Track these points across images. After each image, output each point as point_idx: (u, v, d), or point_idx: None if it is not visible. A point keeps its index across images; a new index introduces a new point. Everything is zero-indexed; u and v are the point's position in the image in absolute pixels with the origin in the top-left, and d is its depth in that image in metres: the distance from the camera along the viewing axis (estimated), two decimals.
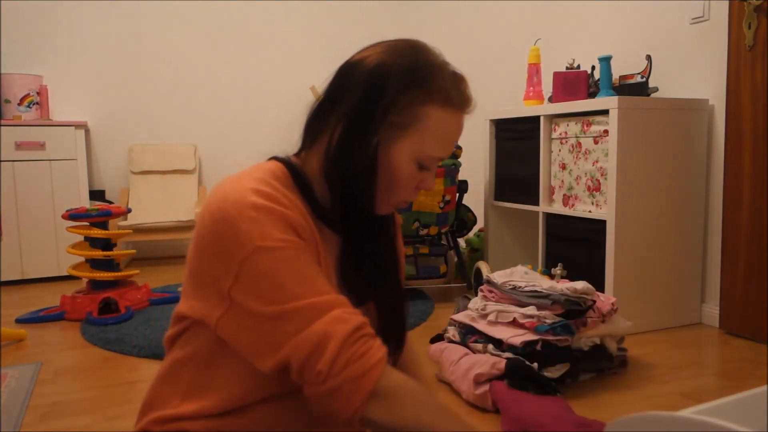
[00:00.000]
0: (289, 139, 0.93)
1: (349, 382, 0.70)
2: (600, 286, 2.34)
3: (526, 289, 1.92)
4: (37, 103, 3.65)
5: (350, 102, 0.81)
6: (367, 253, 0.90)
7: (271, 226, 0.73)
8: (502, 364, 1.71)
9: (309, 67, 4.53)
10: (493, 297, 2.01)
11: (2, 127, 3.39)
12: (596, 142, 2.43)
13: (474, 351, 1.91)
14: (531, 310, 1.85)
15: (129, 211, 2.98)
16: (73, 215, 2.71)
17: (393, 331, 0.92)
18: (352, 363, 0.70)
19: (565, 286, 1.87)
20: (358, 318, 0.74)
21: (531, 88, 2.95)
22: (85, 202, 3.59)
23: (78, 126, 3.60)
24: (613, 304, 1.97)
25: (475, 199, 3.51)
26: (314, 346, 0.70)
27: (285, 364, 0.72)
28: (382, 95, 0.79)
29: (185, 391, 0.83)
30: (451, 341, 2.01)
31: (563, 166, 2.63)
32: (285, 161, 0.85)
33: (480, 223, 3.49)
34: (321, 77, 4.64)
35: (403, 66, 0.80)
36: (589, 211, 2.48)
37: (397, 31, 4.70)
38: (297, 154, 0.88)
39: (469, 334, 1.96)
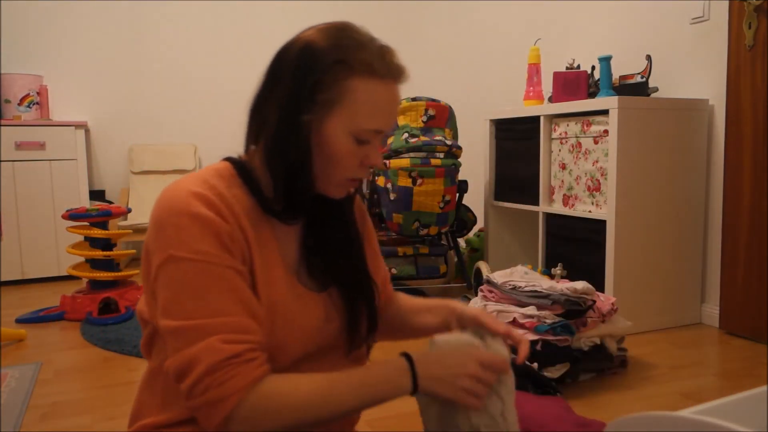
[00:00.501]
0: None
1: (206, 407, 0.73)
2: (600, 286, 2.34)
3: (526, 289, 1.91)
4: (37, 103, 3.65)
5: (282, 87, 0.82)
6: (326, 240, 0.91)
7: (192, 235, 0.75)
8: None
9: None
10: (493, 297, 2.01)
11: (2, 127, 3.38)
12: (596, 142, 2.43)
13: None
14: (531, 310, 1.85)
15: (129, 211, 2.98)
16: (73, 215, 2.71)
17: (360, 316, 0.92)
18: (211, 389, 0.72)
19: (565, 286, 1.87)
20: (234, 347, 0.73)
21: (531, 88, 2.95)
22: (85, 202, 3.59)
23: (78, 126, 3.59)
24: (613, 304, 1.97)
25: (475, 199, 3.51)
26: (185, 366, 0.73)
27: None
28: (309, 75, 0.80)
29: (161, 400, 0.85)
30: None
31: (563, 166, 2.63)
32: (233, 160, 0.87)
33: (480, 223, 3.49)
34: None
35: (327, 44, 0.81)
36: (589, 211, 2.48)
37: (397, 31, 4.70)
38: (246, 151, 0.88)
39: None
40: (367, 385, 0.79)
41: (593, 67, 2.67)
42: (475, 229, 3.45)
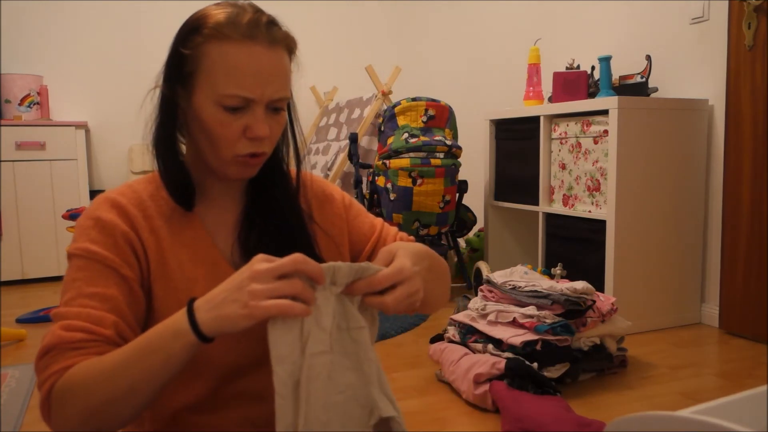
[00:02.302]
0: None
1: (38, 390, 0.74)
2: (600, 286, 2.34)
3: (526, 289, 1.92)
4: (37, 103, 3.65)
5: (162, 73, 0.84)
6: (265, 235, 0.88)
7: (89, 236, 0.78)
8: (502, 364, 1.71)
9: (308, 68, 4.52)
10: (493, 297, 2.01)
11: (2, 127, 3.39)
12: (596, 142, 2.43)
13: (474, 351, 1.91)
14: (531, 310, 1.85)
15: None
16: (73, 215, 2.71)
17: None
18: (37, 372, 0.73)
19: (565, 286, 1.87)
20: (72, 335, 0.72)
21: (531, 88, 2.95)
22: (85, 202, 3.60)
23: (78, 126, 3.60)
24: (613, 304, 1.97)
25: (475, 199, 3.51)
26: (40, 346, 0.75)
27: None
28: (172, 52, 0.81)
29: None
30: (451, 341, 2.01)
31: (563, 166, 2.63)
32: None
33: (480, 223, 3.49)
34: (321, 78, 4.65)
35: (188, 19, 0.81)
36: (589, 211, 2.48)
37: (396, 31, 4.70)
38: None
39: (469, 334, 1.96)
40: (150, 340, 0.69)
41: (593, 67, 2.67)
42: (475, 229, 3.46)
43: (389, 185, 2.82)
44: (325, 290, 0.70)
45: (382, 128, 2.95)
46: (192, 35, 0.79)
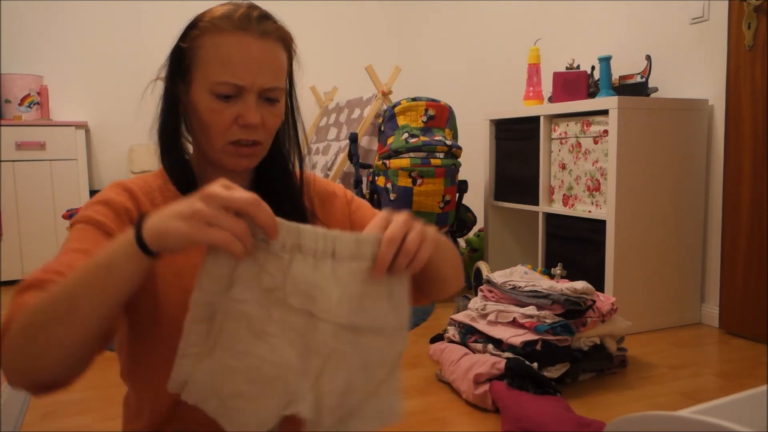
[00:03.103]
0: None
1: None
2: (600, 286, 2.34)
3: (526, 289, 1.92)
4: (38, 103, 3.65)
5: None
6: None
7: (91, 208, 0.80)
8: (502, 364, 1.71)
9: (309, 68, 4.53)
10: (493, 297, 2.01)
11: (2, 127, 3.38)
12: (596, 142, 2.43)
13: (474, 351, 1.91)
14: (531, 310, 1.85)
15: None
16: (73, 215, 2.71)
17: None
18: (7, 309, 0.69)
19: (565, 286, 1.87)
20: (37, 275, 0.69)
21: (531, 88, 2.95)
22: (85, 202, 3.59)
23: (78, 126, 3.60)
24: (613, 304, 1.97)
25: (475, 199, 3.51)
26: None
27: None
28: (174, 48, 0.85)
29: (125, 412, 0.90)
30: (451, 341, 2.01)
31: (563, 166, 2.63)
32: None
33: (480, 223, 3.49)
34: (321, 78, 4.65)
35: (192, 19, 0.85)
36: (589, 211, 2.48)
37: (396, 31, 4.70)
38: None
39: (469, 334, 1.96)
40: (98, 254, 0.64)
41: (593, 67, 2.67)
42: (475, 229, 3.45)
43: (389, 185, 2.82)
44: (281, 252, 0.65)
45: (382, 128, 2.95)
46: (190, 30, 0.83)
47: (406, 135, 2.83)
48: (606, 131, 2.37)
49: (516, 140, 2.96)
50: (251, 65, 0.80)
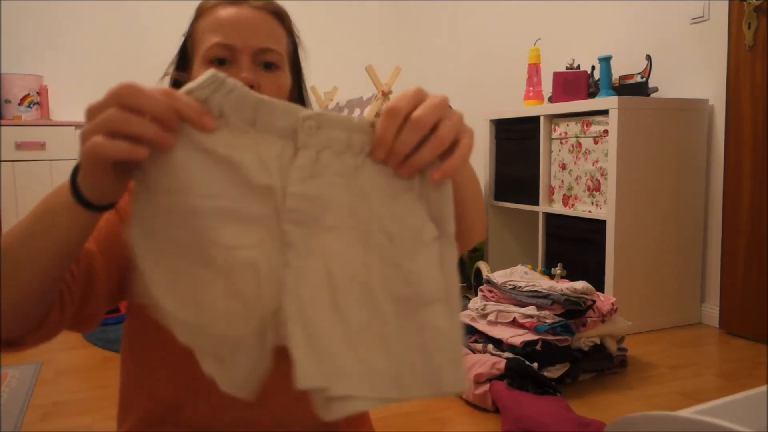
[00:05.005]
0: None
1: None
2: (600, 286, 2.34)
3: (526, 289, 1.92)
4: (37, 103, 3.65)
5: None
6: None
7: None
8: (502, 364, 1.71)
9: (309, 68, 4.53)
10: (493, 297, 2.01)
11: (2, 127, 3.38)
12: (596, 142, 2.43)
13: (474, 351, 1.91)
14: (531, 310, 1.85)
15: None
16: None
17: None
18: None
19: (565, 286, 1.87)
20: None
21: (531, 88, 2.95)
22: None
23: (78, 126, 3.59)
24: (613, 304, 1.97)
25: None
26: None
27: None
28: (180, 46, 0.85)
29: (120, 409, 0.87)
30: None
31: (563, 166, 2.63)
32: None
33: None
34: (322, 78, 4.64)
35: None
36: (589, 211, 2.48)
37: (396, 30, 4.70)
38: None
39: (469, 334, 1.96)
40: (39, 206, 0.57)
41: (593, 67, 2.67)
42: None
43: None
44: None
45: None
46: (192, 21, 0.83)
47: None
48: (606, 131, 2.37)
49: (516, 140, 2.96)
50: (241, 26, 0.77)
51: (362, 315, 0.50)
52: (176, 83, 0.85)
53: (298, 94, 0.88)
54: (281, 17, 0.83)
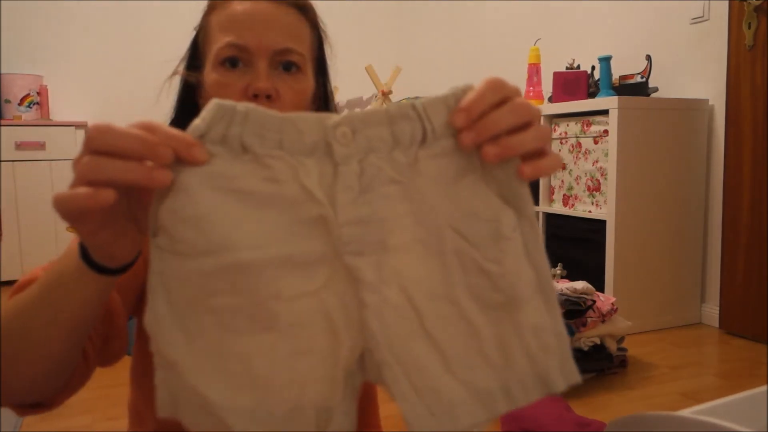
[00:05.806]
0: None
1: None
2: (600, 286, 2.34)
3: None
4: (37, 103, 3.65)
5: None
6: None
7: None
8: None
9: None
10: None
11: (2, 127, 3.38)
12: (596, 142, 2.43)
13: None
14: None
15: None
16: None
17: None
18: None
19: (565, 286, 1.87)
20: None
21: (531, 88, 2.95)
22: None
23: (78, 126, 3.59)
24: (613, 304, 1.97)
25: None
26: None
27: None
28: (191, 42, 0.79)
29: (131, 414, 0.86)
30: None
31: (563, 166, 2.63)
32: None
33: None
34: None
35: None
36: (589, 211, 2.48)
37: (396, 31, 4.70)
38: None
39: None
40: (52, 271, 0.55)
41: (593, 67, 2.67)
42: None
43: None
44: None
45: None
46: (203, 17, 0.76)
47: None
48: (606, 131, 2.37)
49: None
50: (257, 24, 0.69)
51: (455, 335, 0.44)
52: (186, 85, 0.79)
53: (323, 97, 0.79)
54: (305, 11, 0.75)
